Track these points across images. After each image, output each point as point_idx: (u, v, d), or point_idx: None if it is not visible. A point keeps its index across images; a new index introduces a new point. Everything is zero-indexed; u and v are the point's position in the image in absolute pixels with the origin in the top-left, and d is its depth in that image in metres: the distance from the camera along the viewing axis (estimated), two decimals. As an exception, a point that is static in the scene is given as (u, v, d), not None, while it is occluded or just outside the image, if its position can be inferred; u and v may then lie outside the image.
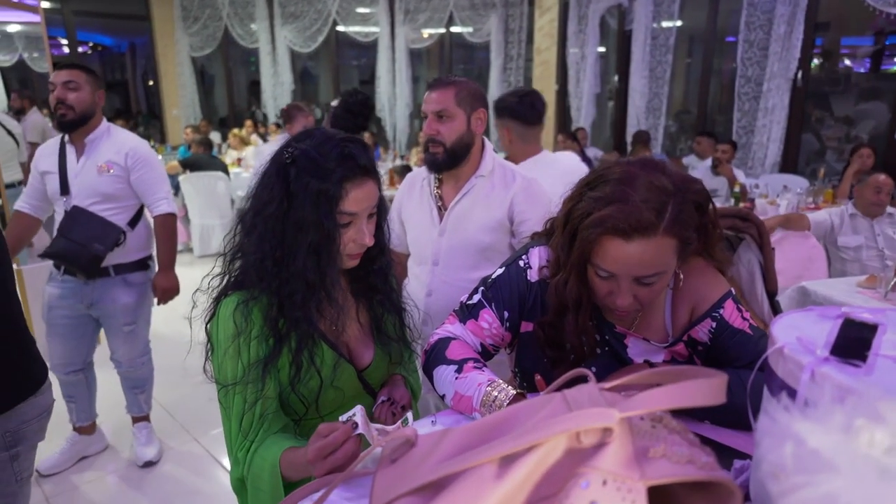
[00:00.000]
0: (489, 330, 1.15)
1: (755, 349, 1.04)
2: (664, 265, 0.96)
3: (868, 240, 3.26)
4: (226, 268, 1.04)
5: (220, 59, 9.64)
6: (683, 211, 0.95)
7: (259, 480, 0.97)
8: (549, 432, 0.52)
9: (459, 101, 1.62)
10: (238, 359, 0.98)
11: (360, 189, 0.99)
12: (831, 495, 0.34)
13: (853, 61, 7.20)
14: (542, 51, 6.87)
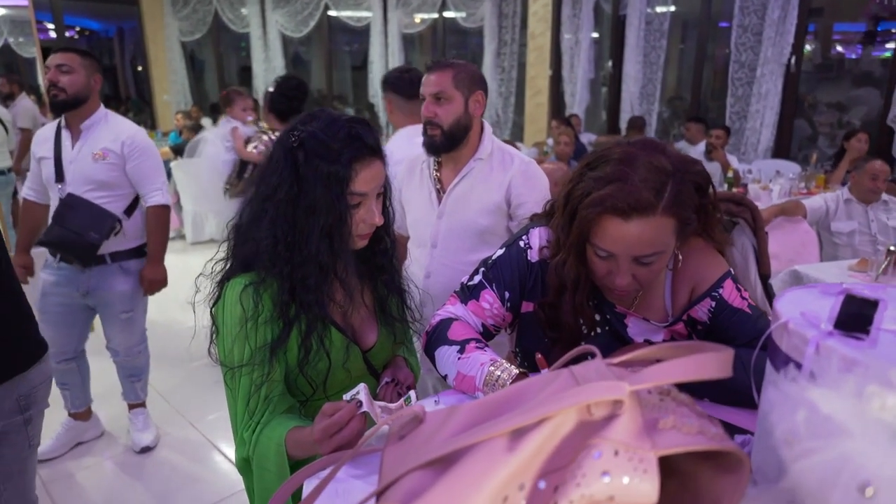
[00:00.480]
0: (490, 310, 1.15)
1: (754, 328, 1.06)
2: (663, 245, 0.97)
3: (862, 225, 3.29)
4: (230, 252, 1.04)
5: (211, 43, 9.52)
6: (682, 191, 0.95)
7: (265, 460, 0.97)
8: (560, 405, 0.52)
9: (457, 83, 1.61)
10: (245, 342, 0.98)
11: (368, 169, 0.99)
12: (845, 456, 0.35)
13: (845, 47, 7.20)
14: (536, 36, 6.83)
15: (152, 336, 4.04)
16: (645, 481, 0.47)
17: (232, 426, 1.06)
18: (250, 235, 1.01)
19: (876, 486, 0.33)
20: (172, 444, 2.70)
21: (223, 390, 3.61)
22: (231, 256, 1.04)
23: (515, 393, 0.65)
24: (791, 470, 0.39)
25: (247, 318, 0.97)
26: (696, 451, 0.48)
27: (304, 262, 0.97)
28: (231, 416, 1.05)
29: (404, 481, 0.57)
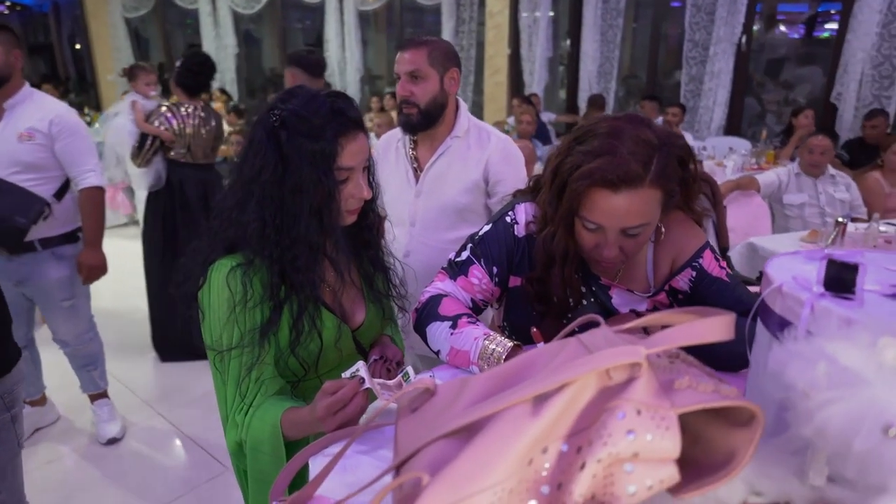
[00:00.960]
0: (479, 285, 1.17)
1: (733, 295, 1.11)
2: (649, 216, 1.00)
3: (811, 198, 3.44)
4: (213, 235, 1.01)
5: (156, 20, 9.10)
6: (668, 164, 0.98)
7: (259, 442, 0.97)
8: (580, 371, 0.54)
9: (432, 60, 1.60)
10: (235, 325, 0.96)
11: (354, 143, 0.98)
12: (868, 402, 0.38)
13: (788, 27, 7.46)
14: (495, 14, 6.80)
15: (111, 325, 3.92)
16: (667, 438, 0.49)
17: (221, 410, 1.05)
18: (235, 219, 0.98)
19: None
20: (141, 436, 2.63)
21: (190, 378, 3.56)
22: (213, 240, 1.02)
23: (525, 363, 0.66)
24: (814, 418, 0.42)
25: (235, 301, 0.96)
26: (711, 408, 0.51)
27: (293, 242, 0.96)
28: (220, 401, 1.04)
29: (426, 451, 0.58)
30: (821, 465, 0.56)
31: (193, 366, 3.25)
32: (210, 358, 1.01)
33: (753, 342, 0.74)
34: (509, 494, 0.51)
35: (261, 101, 9.70)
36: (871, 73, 4.80)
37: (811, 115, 4.75)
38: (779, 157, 4.69)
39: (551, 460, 0.53)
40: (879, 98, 4.79)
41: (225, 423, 1.04)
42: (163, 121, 3.04)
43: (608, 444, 0.49)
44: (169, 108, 3.07)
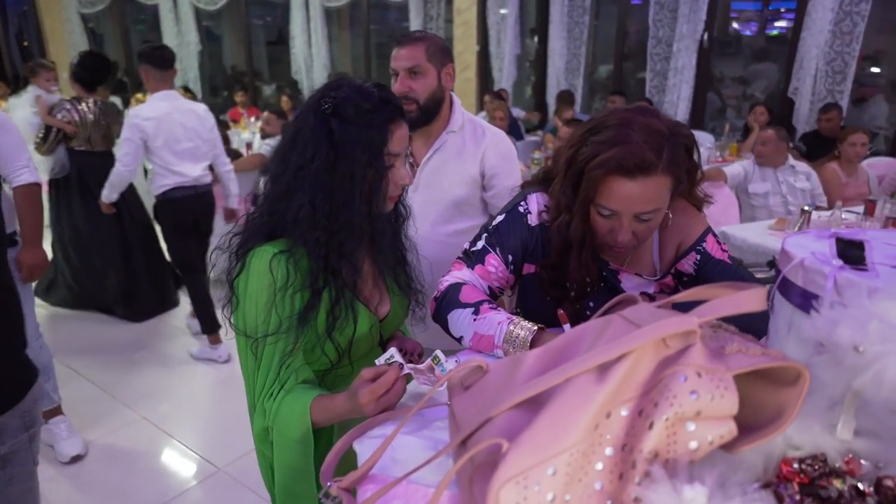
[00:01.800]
0: (496, 273, 1.21)
1: (735, 276, 1.17)
2: (661, 202, 1.06)
3: (774, 187, 3.61)
4: (251, 223, 1.03)
5: (113, 16, 8.83)
6: (677, 152, 1.04)
7: (287, 428, 0.99)
8: (639, 340, 0.58)
9: (430, 56, 1.62)
10: (273, 310, 0.98)
11: (401, 129, 1.03)
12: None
13: (742, 24, 7.74)
14: (462, 11, 6.84)
15: (84, 330, 3.82)
16: (726, 397, 0.54)
17: (248, 396, 1.06)
18: (279, 207, 1.00)
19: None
20: (126, 440, 2.59)
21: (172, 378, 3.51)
22: (251, 228, 1.03)
23: (573, 339, 0.70)
24: (869, 369, 0.47)
25: (276, 287, 0.97)
26: (760, 369, 0.56)
27: (341, 228, 0.98)
28: (248, 386, 1.05)
29: (494, 423, 0.61)
30: (849, 420, 0.62)
31: (172, 367, 3.20)
32: (241, 344, 1.02)
33: (772, 313, 0.80)
34: (582, 456, 0.56)
35: (224, 99, 9.53)
36: (825, 69, 5.03)
37: (761, 111, 4.98)
38: (741, 151, 4.88)
39: (614, 424, 0.58)
40: (833, 92, 5.02)
41: (252, 409, 1.05)
42: (65, 114, 3.38)
43: (674, 405, 0.54)
44: (70, 102, 3.40)
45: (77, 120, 3.38)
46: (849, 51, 4.90)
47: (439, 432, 0.84)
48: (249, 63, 8.74)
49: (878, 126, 5.58)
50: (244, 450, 2.48)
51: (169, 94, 3.05)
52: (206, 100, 8.43)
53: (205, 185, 3.23)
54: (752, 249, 2.90)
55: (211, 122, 3.21)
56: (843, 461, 0.60)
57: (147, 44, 3.16)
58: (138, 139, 2.95)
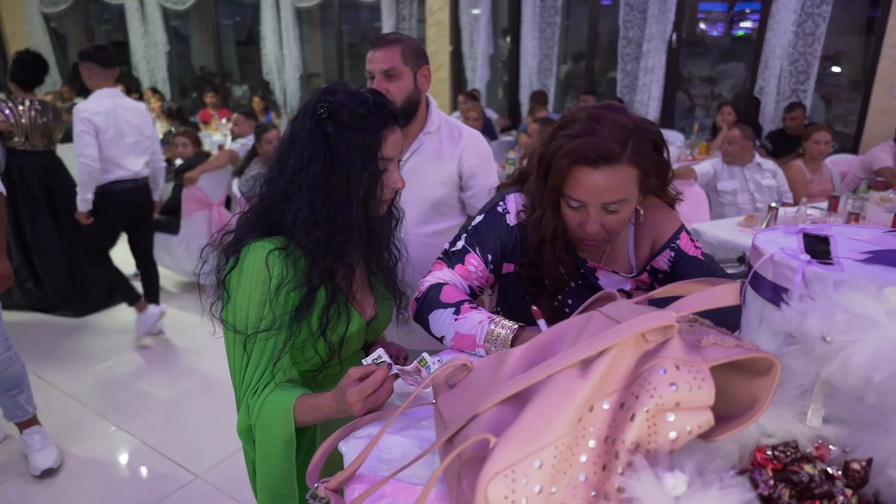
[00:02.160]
0: (476, 273, 1.23)
1: (708, 272, 1.21)
2: (627, 193, 1.09)
3: (741, 184, 3.70)
4: (247, 221, 1.03)
5: (76, 16, 8.62)
6: (643, 146, 1.08)
7: (270, 426, 0.99)
8: (620, 335, 0.60)
9: (406, 58, 1.62)
10: (268, 306, 0.98)
11: (394, 134, 1.04)
12: (881, 340, 0.46)
13: (708, 25, 7.92)
14: (435, 11, 6.86)
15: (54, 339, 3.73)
16: (703, 388, 0.56)
17: (236, 392, 1.06)
18: (277, 208, 1.01)
19: (912, 358, 0.44)
20: (99, 450, 2.53)
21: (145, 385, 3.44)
22: (246, 225, 1.03)
23: (555, 336, 0.72)
24: (836, 357, 0.50)
25: (271, 284, 0.98)
26: (734, 360, 0.59)
27: (340, 230, 1.00)
28: (235, 383, 1.05)
29: (481, 419, 0.62)
30: (819, 408, 0.65)
31: (147, 373, 3.15)
32: (229, 340, 1.02)
33: (744, 307, 0.83)
34: (567, 449, 0.57)
35: (194, 100, 9.38)
36: (788, 69, 5.17)
37: (728, 111, 5.12)
38: (710, 149, 5.00)
39: (597, 417, 0.59)
40: (797, 92, 5.17)
41: (238, 405, 1.05)
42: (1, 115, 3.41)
43: (654, 397, 0.56)
44: (4, 102, 3.41)
45: (12, 119, 3.38)
46: (811, 51, 5.06)
47: (425, 431, 0.85)
48: (219, 64, 8.62)
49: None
50: (222, 456, 2.45)
51: (112, 91, 3.23)
52: (175, 101, 8.29)
53: (143, 178, 3.43)
54: (722, 245, 2.98)
55: (150, 120, 3.47)
56: (813, 447, 0.63)
57: (89, 45, 3.28)
58: (92, 131, 3.10)
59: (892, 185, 3.67)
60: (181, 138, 4.11)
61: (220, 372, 3.15)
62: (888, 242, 0.84)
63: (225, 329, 1.02)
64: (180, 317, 3.81)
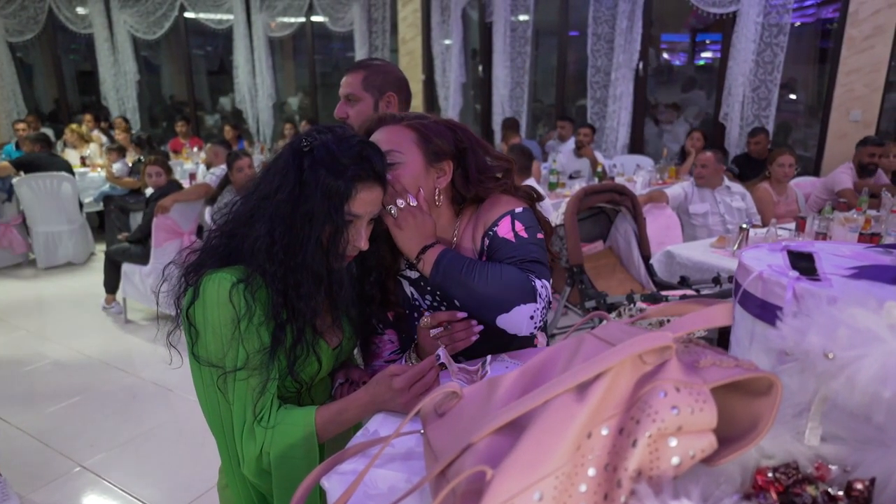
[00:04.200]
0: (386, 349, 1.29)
1: (514, 251, 1.14)
2: (401, 148, 1.12)
3: (712, 206, 3.78)
4: (208, 242, 0.99)
5: (42, 45, 8.49)
6: (429, 123, 1.16)
7: (289, 448, 0.95)
8: (616, 358, 0.58)
9: (367, 85, 1.65)
10: (240, 345, 0.94)
11: (369, 192, 1.00)
12: (887, 355, 0.45)
13: (671, 55, 8.21)
14: (408, 41, 6.96)
15: (11, 376, 3.57)
16: (705, 411, 0.54)
17: (225, 434, 1.00)
18: (240, 231, 0.97)
19: (919, 372, 0.43)
20: (63, 493, 2.40)
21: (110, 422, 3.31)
22: (208, 248, 0.99)
23: (547, 360, 0.70)
24: (841, 374, 0.49)
25: (239, 319, 0.93)
26: (735, 381, 0.57)
27: (298, 267, 0.95)
28: (218, 422, 0.99)
29: (475, 450, 0.60)
30: (816, 426, 0.64)
31: (114, 409, 3.02)
32: (204, 375, 0.97)
33: (733, 325, 0.82)
34: (567, 478, 0.55)
35: (165, 129, 9.28)
36: (751, 96, 5.35)
37: (697, 136, 5.27)
38: (679, 173, 5.11)
39: (596, 444, 0.57)
40: (759, 117, 5.34)
41: (231, 443, 0.99)
42: None
43: (656, 421, 0.54)
44: None
45: None
46: (771, 79, 5.25)
47: (414, 462, 0.81)
48: (191, 93, 8.56)
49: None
50: (194, 494, 2.34)
51: None
52: (145, 130, 8.20)
53: None
54: (696, 267, 3.01)
55: None
56: (813, 467, 0.62)
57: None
58: None
59: (853, 205, 3.79)
60: (153, 167, 4.02)
61: (190, 406, 3.03)
62: (870, 258, 0.84)
63: (196, 365, 0.97)
64: (149, 349, 3.69)
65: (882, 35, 4.67)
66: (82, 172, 5.68)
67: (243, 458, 0.97)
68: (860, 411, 0.48)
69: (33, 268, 5.10)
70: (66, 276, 4.96)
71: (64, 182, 4.95)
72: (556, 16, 6.34)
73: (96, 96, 8.53)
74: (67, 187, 4.98)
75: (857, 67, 4.81)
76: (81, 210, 5.23)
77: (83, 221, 5.25)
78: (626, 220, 3.07)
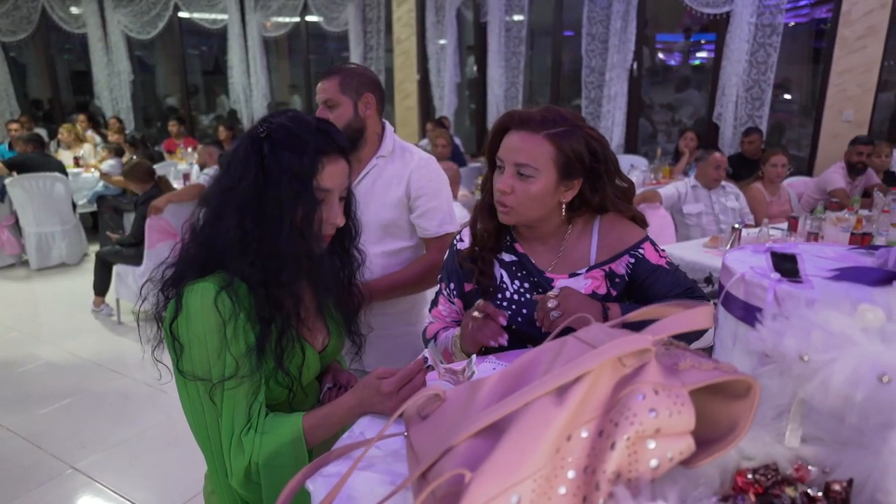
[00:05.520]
0: (446, 310, 1.37)
1: (669, 278, 1.23)
2: (539, 163, 1.14)
3: (707, 207, 3.79)
4: (183, 254, 0.98)
5: (35, 45, 8.45)
6: (572, 135, 1.14)
7: (277, 455, 0.95)
8: (596, 361, 0.59)
9: (344, 88, 1.68)
10: (227, 352, 0.92)
11: (335, 165, 0.99)
12: (860, 358, 0.45)
13: (666, 55, 8.22)
14: (402, 41, 6.95)
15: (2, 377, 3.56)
16: (683, 413, 0.55)
17: (204, 442, 1.00)
18: (209, 233, 0.95)
19: (890, 375, 0.43)
20: (55, 495, 2.39)
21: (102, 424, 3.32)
22: (184, 259, 0.98)
23: (529, 363, 0.70)
24: (815, 377, 0.49)
25: (226, 328, 0.92)
26: (715, 383, 0.57)
27: (274, 254, 0.94)
28: (205, 433, 0.99)
29: (455, 452, 0.60)
30: (796, 428, 0.64)
31: (107, 411, 3.01)
32: (190, 389, 0.97)
33: (717, 327, 0.83)
34: (545, 481, 0.55)
35: (159, 129, 9.25)
36: (744, 96, 5.37)
37: (691, 137, 5.28)
38: (673, 173, 5.12)
39: (575, 446, 0.57)
40: (753, 117, 5.36)
41: (220, 455, 0.98)
42: None
43: (634, 424, 0.54)
44: None
45: None
46: (765, 79, 5.27)
47: (397, 465, 0.81)
48: (185, 93, 8.54)
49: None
50: (188, 495, 2.34)
51: None
52: (140, 130, 8.17)
53: None
54: (689, 267, 3.02)
55: None
56: (793, 469, 0.62)
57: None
58: None
59: (845, 205, 3.80)
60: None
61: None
62: (852, 259, 0.85)
63: (182, 380, 0.97)
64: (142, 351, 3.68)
65: (874, 35, 4.69)
66: (75, 173, 5.66)
67: (231, 470, 0.96)
68: (834, 413, 0.49)
69: (26, 269, 5.07)
70: (59, 277, 4.94)
71: (57, 183, 4.93)
72: (551, 16, 6.34)
73: (90, 96, 8.50)
74: (60, 188, 4.96)
75: (849, 67, 4.83)
76: (75, 211, 5.21)
77: (76, 222, 5.23)
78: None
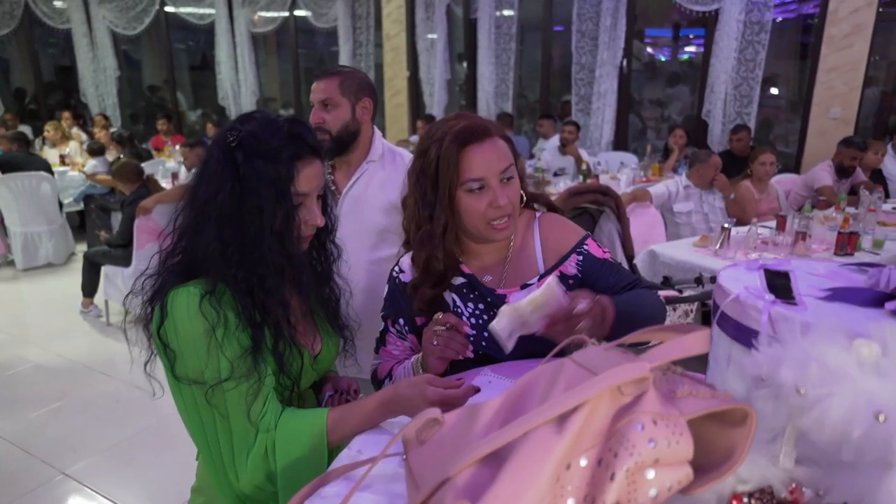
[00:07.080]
0: (396, 348, 1.31)
1: (618, 274, 1.24)
2: (510, 159, 1.17)
3: (697, 206, 3.82)
4: (164, 261, 0.97)
5: (20, 40, 8.33)
6: None
7: (295, 446, 0.94)
8: (594, 389, 0.59)
9: (344, 90, 1.67)
10: (219, 354, 0.92)
11: (310, 167, 0.99)
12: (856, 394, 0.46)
13: (655, 50, 8.24)
14: (392, 37, 6.92)
15: (-3, 381, 3.49)
16: (682, 443, 0.55)
17: (200, 444, 1.00)
18: (188, 244, 0.95)
19: (886, 413, 0.44)
20: (45, 500, 2.37)
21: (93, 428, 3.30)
22: (165, 266, 0.97)
23: (525, 387, 0.70)
24: (811, 411, 0.50)
25: (213, 329, 0.91)
26: (712, 412, 0.58)
27: (257, 263, 0.94)
28: (210, 440, 0.98)
29: (455, 482, 0.60)
30: (791, 450, 0.65)
31: (97, 414, 2.99)
32: (181, 395, 0.96)
33: (710, 346, 0.83)
34: (546, 511, 0.55)
35: (146, 125, 9.15)
36: (733, 93, 5.40)
37: (680, 134, 5.30)
38: (663, 170, 5.15)
39: (574, 475, 0.58)
40: (741, 115, 5.39)
41: (219, 459, 0.97)
42: None
43: (633, 454, 0.54)
44: None
45: None
46: (753, 76, 5.30)
47: (395, 485, 0.81)
48: (172, 89, 8.44)
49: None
50: (181, 500, 2.33)
51: None
52: (126, 127, 8.08)
53: None
54: (679, 266, 3.05)
55: None
56: (787, 491, 0.63)
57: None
58: None
59: (832, 203, 3.84)
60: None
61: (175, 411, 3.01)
62: (843, 277, 0.86)
63: (177, 387, 0.96)
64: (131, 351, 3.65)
65: (861, 33, 4.73)
66: (62, 171, 5.59)
67: (241, 470, 0.95)
68: (830, 448, 0.49)
69: (12, 269, 5.01)
70: (46, 278, 4.89)
71: (43, 182, 4.87)
72: (541, 11, 6.33)
73: (76, 93, 8.38)
74: (46, 187, 4.90)
75: (836, 66, 4.87)
76: (61, 210, 5.15)
77: (63, 221, 5.17)
78: (609, 221, 3.09)
